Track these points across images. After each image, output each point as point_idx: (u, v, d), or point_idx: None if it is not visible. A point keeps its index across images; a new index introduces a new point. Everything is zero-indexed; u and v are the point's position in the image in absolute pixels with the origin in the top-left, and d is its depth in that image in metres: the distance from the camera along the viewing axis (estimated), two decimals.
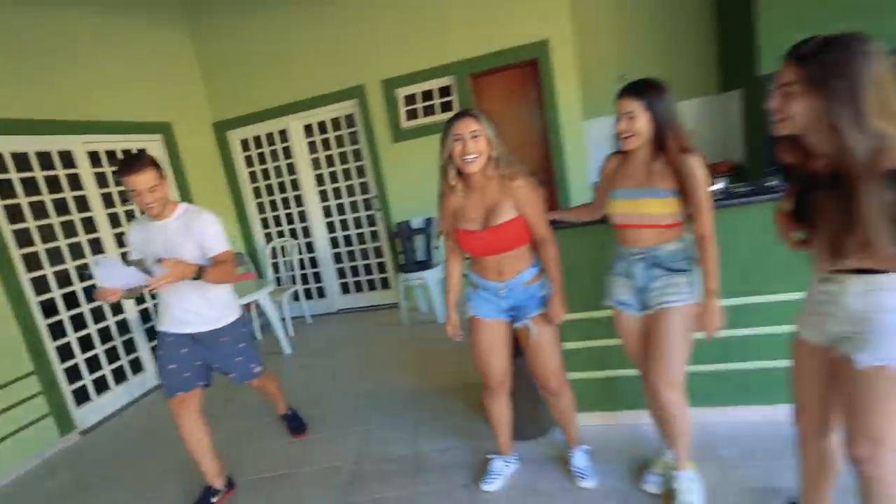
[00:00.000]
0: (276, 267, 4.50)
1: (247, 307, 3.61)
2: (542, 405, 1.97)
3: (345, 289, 4.69)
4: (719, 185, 2.02)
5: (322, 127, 4.34)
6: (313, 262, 4.66)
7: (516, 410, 1.98)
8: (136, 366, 3.53)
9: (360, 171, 4.36)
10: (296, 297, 4.55)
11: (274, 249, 4.46)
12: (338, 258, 4.62)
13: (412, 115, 4.04)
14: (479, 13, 3.71)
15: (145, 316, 3.62)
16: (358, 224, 4.51)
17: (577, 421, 1.94)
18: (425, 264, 3.84)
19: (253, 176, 4.57)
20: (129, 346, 3.49)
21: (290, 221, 4.60)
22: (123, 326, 3.47)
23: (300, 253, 4.58)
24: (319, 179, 4.47)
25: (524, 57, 3.74)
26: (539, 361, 1.77)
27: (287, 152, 4.42)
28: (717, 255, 1.51)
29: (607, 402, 2.18)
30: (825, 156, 1.13)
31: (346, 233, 4.55)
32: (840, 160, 1.06)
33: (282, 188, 4.53)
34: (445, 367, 3.07)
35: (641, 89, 1.52)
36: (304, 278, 4.67)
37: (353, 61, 4.01)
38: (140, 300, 3.58)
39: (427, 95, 4.00)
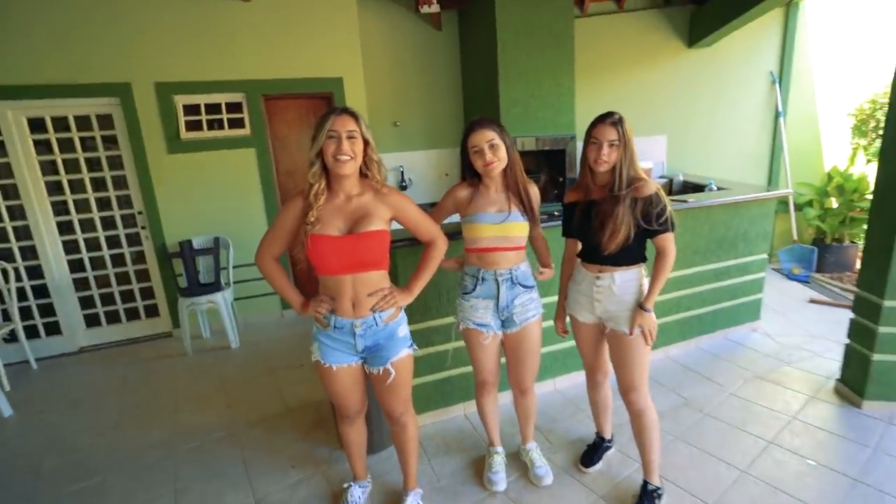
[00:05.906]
0: None
1: None
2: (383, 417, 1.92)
3: (92, 321, 3.84)
4: None
5: (62, 124, 3.47)
6: (41, 291, 3.63)
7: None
8: None
9: (120, 183, 3.69)
10: (10, 338, 3.45)
11: None
12: (82, 285, 3.75)
13: (196, 126, 3.72)
14: (274, 39, 3.73)
15: None
16: (115, 243, 3.78)
17: (416, 461, 1.87)
18: (214, 286, 3.59)
19: None
20: None
21: (3, 239, 3.48)
22: None
23: (18, 280, 3.50)
24: (56, 188, 3.55)
25: (319, 89, 3.96)
26: (392, 397, 1.70)
27: None
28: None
29: (442, 399, 2.50)
30: (600, 188, 1.68)
31: (97, 253, 3.74)
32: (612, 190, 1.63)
33: None
34: (258, 393, 2.95)
35: (495, 122, 1.69)
36: (27, 312, 3.59)
37: (113, 54, 3.40)
38: None
39: (214, 109, 3.76)
